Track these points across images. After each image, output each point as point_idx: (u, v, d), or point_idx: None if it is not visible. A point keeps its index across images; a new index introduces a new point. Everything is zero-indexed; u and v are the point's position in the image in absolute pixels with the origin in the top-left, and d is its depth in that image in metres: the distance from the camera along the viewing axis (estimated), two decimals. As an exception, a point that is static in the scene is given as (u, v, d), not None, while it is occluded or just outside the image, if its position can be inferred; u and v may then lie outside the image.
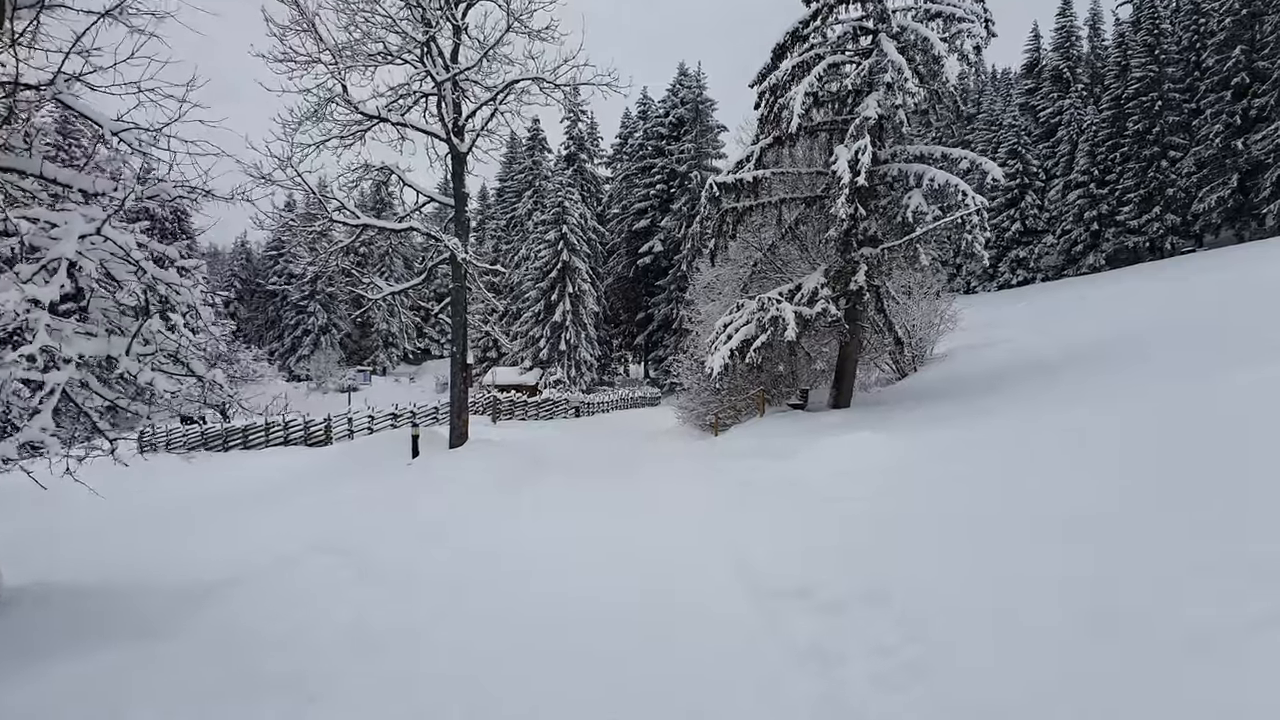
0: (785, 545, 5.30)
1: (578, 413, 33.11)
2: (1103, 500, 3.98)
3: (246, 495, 11.30)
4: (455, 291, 11.65)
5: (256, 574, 5.99)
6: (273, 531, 7.70)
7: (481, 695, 3.60)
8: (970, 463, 6.18)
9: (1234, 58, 38.39)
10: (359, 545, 6.71)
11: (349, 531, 7.27)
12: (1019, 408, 9.24)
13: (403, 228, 11.27)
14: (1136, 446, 4.77)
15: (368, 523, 7.72)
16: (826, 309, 12.78)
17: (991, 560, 3.81)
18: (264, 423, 21.53)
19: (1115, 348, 13.01)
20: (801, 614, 4.04)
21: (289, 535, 7.32)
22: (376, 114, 10.24)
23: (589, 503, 8.69)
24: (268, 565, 6.17)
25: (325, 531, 7.32)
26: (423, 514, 7.96)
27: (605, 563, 5.80)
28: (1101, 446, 5.08)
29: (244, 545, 7.12)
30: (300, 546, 6.71)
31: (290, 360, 64.38)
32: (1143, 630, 2.68)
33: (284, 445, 20.29)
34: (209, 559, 6.70)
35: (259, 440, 21.76)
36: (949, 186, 12.44)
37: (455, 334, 12.03)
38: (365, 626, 4.68)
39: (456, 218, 11.43)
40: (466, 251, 11.00)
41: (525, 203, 51.70)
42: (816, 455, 7.91)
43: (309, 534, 7.25)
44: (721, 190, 13.62)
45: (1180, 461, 4.09)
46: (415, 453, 11.67)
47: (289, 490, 10.91)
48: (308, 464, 13.77)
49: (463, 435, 12.24)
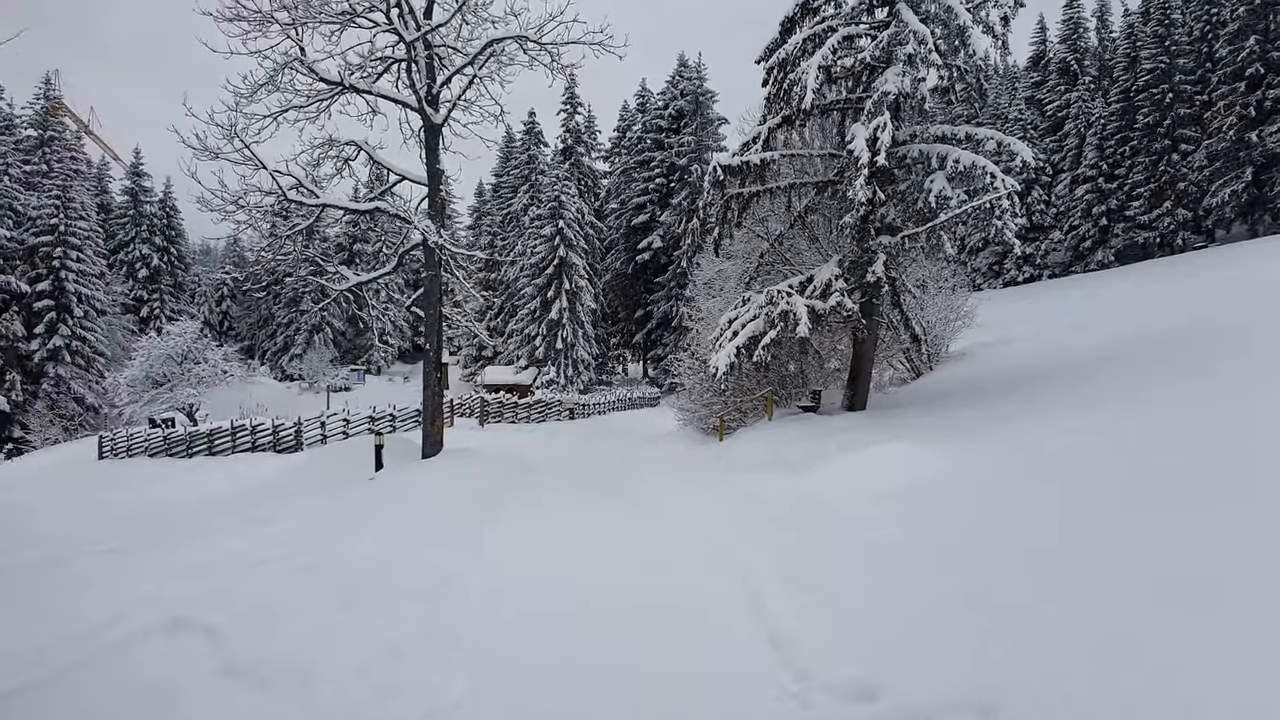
0: (828, 608, 4.13)
1: (572, 414, 31.37)
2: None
3: (173, 515, 9.76)
4: (428, 281, 10.51)
5: (70, 669, 3.92)
6: (147, 588, 5.36)
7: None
8: (1030, 488, 5.11)
9: (1248, 48, 37.31)
10: (245, 614, 4.64)
11: (242, 590, 5.20)
12: (1056, 417, 8.18)
13: (366, 208, 10.12)
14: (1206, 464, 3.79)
15: (276, 573, 5.66)
16: (841, 302, 11.70)
17: (1134, 652, 2.72)
18: (230, 427, 20.30)
19: (1140, 348, 12.01)
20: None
21: (159, 595, 5.13)
22: (339, 80, 9.10)
23: (573, 537, 7.16)
24: (100, 650, 4.16)
25: (213, 587, 5.25)
26: (354, 560, 5.97)
27: (592, 638, 4.27)
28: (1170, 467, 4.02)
29: (97, 610, 4.82)
30: (160, 618, 4.58)
31: (283, 359, 63.22)
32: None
33: (251, 451, 19.10)
34: (27, 639, 4.38)
35: (225, 445, 20.40)
36: (975, 168, 11.35)
37: (428, 329, 10.88)
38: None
39: (430, 197, 10.30)
40: (440, 235, 9.82)
41: (521, 198, 50.56)
42: (843, 471, 6.83)
43: (189, 590, 5.19)
44: (726, 173, 12.52)
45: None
46: (379, 465, 10.46)
47: (222, 510, 9.40)
48: (266, 475, 12.62)
49: (437, 443, 11.11)
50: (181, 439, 21.48)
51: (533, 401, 30.59)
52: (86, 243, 36.37)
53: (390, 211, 10.20)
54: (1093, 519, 4.16)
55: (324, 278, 10.48)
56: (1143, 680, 2.54)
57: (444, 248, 9.88)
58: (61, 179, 37.12)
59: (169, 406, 32.66)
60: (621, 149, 50.84)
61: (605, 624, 4.48)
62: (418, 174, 10.51)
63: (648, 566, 5.67)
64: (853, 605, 4.04)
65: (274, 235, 10.21)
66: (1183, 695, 2.39)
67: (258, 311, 67.00)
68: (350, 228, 57.80)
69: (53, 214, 35.30)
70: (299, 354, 62.31)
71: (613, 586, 5.26)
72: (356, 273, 10.64)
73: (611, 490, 10.04)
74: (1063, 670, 2.76)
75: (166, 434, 21.74)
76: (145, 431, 22.46)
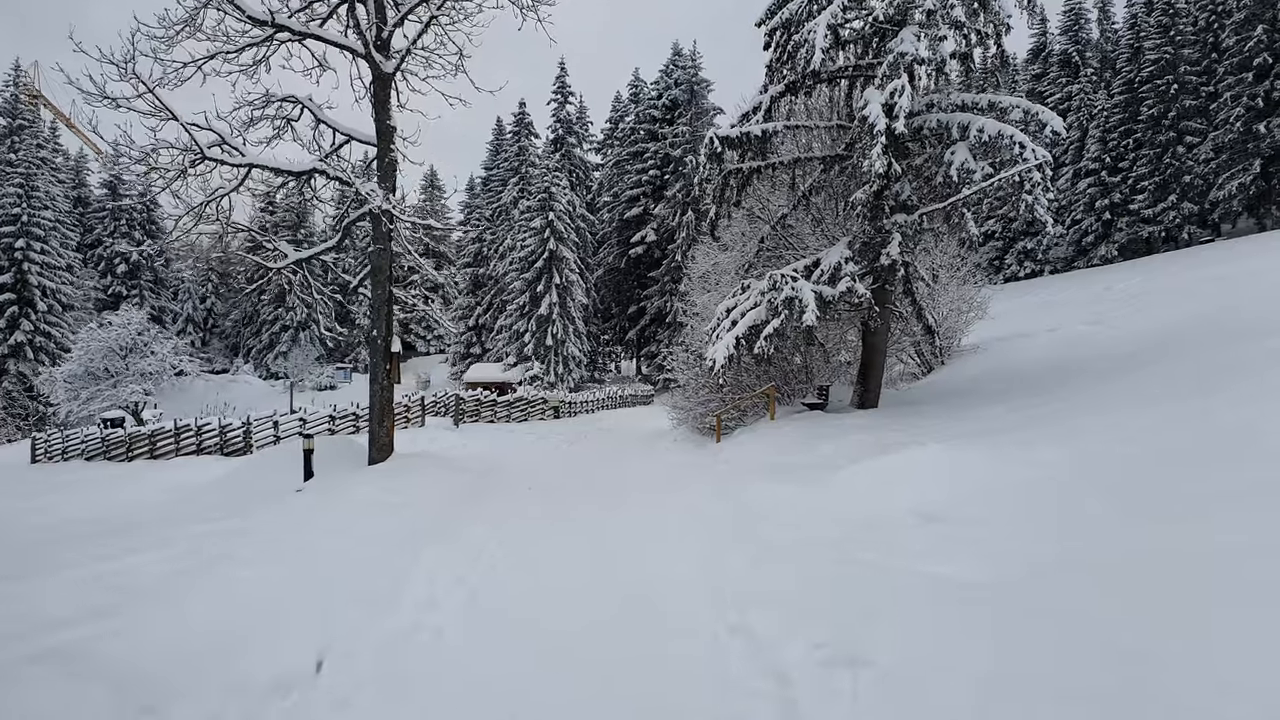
0: (893, 703, 2.86)
1: (557, 413, 28.98)
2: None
3: (35, 542, 7.68)
4: (374, 255, 9.13)
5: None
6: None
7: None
8: (1090, 503, 3.90)
9: (1255, 37, 36.32)
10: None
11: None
12: (1103, 416, 6.99)
13: (303, 169, 8.78)
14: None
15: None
16: (852, 288, 10.48)
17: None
18: (174, 428, 18.72)
19: (1172, 342, 10.88)
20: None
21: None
22: (269, 20, 7.77)
23: (531, 573, 5.63)
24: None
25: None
26: (174, 638, 4.10)
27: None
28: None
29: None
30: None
31: (268, 357, 61.68)
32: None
33: (197, 454, 17.63)
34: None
35: (168, 448, 18.74)
36: (1002, 138, 10.16)
37: (375, 312, 9.51)
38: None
39: (379, 159, 8.98)
40: (389, 201, 8.46)
41: (511, 190, 49.12)
42: (868, 481, 5.62)
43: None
44: (725, 145, 11.29)
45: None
46: (308, 473, 8.97)
47: (97, 537, 7.11)
48: (198, 483, 11.14)
49: (385, 447, 9.73)
50: (121, 441, 19.73)
51: (513, 399, 28.14)
52: (52, 234, 34.80)
53: (330, 174, 8.82)
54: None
55: (261, 254, 9.14)
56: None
57: (391, 214, 8.49)
58: (25, 168, 35.48)
59: (111, 405, 30.09)
60: (614, 140, 49.51)
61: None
62: (366, 133, 9.19)
63: (625, 630, 4.21)
64: (927, 700, 2.77)
65: (202, 204, 8.72)
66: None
67: (242, 308, 65.36)
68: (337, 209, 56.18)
69: (15, 203, 33.68)
70: (284, 352, 60.82)
71: (574, 659, 3.88)
72: (299, 249, 9.29)
73: (589, 505, 8.43)
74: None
75: (105, 435, 20.22)
76: (83, 432, 20.98)
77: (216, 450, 17.81)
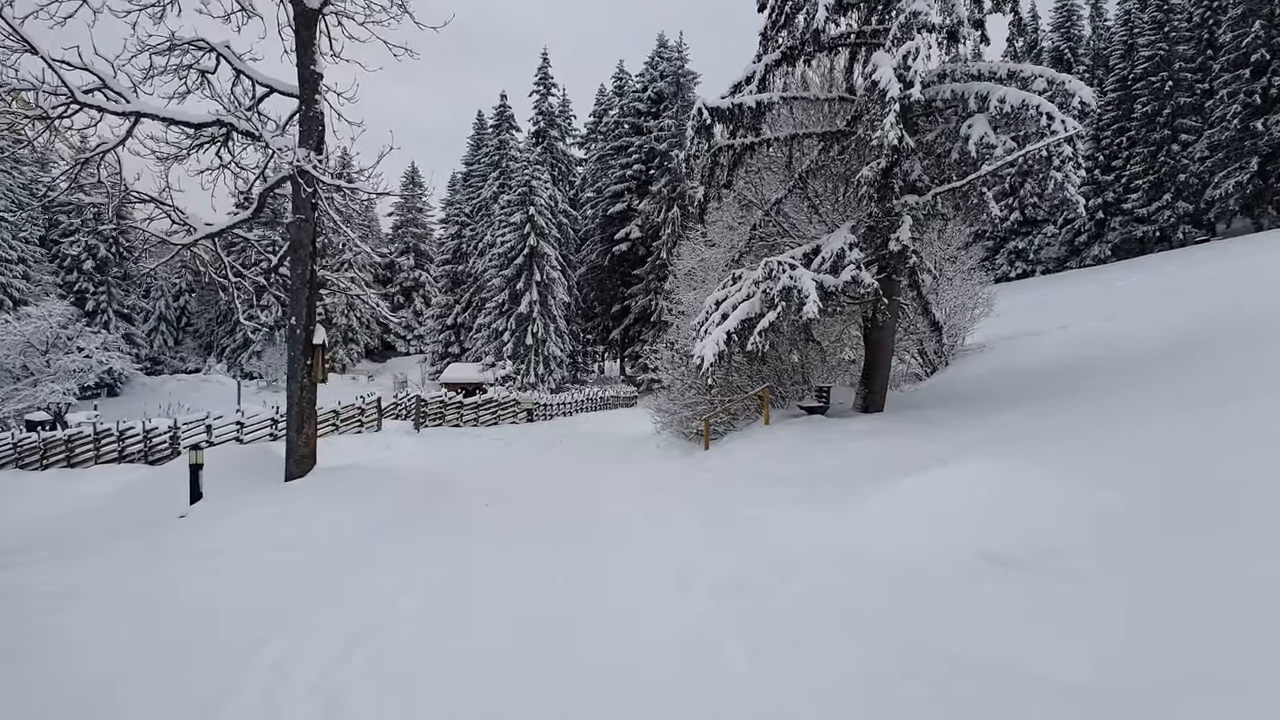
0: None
1: (530, 416, 26.29)
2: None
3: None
4: (295, 228, 7.76)
5: None
6: None
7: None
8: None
9: (1252, 33, 35.70)
10: None
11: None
12: (1171, 417, 5.82)
13: (203, 120, 7.36)
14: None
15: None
16: (858, 277, 9.25)
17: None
18: (94, 432, 17.11)
19: (1200, 341, 9.81)
20: None
21: None
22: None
23: (438, 668, 3.70)
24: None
25: None
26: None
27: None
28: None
29: None
30: None
31: (242, 357, 59.82)
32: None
33: (119, 461, 16.06)
34: None
35: (87, 454, 17.10)
36: (1026, 108, 8.97)
37: (293, 295, 8.20)
38: None
39: (303, 113, 7.61)
40: (311, 161, 7.03)
41: (491, 185, 47.62)
42: (908, 507, 4.34)
43: None
44: (714, 117, 10.03)
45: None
46: (195, 495, 7.50)
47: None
48: (91, 500, 9.62)
49: (306, 458, 8.34)
50: (35, 447, 18.03)
51: (482, 401, 25.59)
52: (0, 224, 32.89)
53: (239, 128, 7.42)
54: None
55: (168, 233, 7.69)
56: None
57: (311, 176, 7.06)
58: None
59: (31, 406, 27.68)
60: (598, 135, 48.15)
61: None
62: (288, 84, 7.81)
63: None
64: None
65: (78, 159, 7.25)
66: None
67: (216, 307, 63.34)
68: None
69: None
70: (258, 351, 58.97)
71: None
72: (208, 222, 7.87)
73: (550, 529, 6.89)
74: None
75: (17, 440, 18.45)
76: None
77: (140, 458, 16.29)
